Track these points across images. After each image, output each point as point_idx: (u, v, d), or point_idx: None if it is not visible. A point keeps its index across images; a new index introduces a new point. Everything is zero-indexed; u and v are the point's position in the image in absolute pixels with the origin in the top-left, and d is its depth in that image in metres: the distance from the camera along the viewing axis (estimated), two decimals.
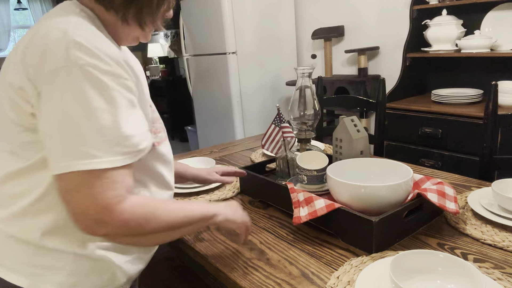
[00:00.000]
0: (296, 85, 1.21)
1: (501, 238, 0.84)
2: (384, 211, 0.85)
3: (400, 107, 2.18)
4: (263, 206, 1.11)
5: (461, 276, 0.64)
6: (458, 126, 1.92)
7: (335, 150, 1.13)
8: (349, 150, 1.08)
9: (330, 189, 0.95)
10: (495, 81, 1.35)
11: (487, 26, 2.10)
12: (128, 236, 0.68)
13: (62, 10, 0.69)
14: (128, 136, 0.65)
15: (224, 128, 3.16)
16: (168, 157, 0.87)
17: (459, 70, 2.32)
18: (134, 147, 0.66)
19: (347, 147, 1.09)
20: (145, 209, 0.67)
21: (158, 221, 0.69)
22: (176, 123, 5.07)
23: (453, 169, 1.52)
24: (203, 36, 3.14)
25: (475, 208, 0.95)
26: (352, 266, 0.78)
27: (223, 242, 0.93)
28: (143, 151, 0.69)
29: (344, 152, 1.10)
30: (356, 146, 1.07)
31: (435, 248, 0.83)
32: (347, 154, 1.09)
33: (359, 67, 2.71)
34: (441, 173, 1.27)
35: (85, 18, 0.68)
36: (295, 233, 0.94)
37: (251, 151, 1.68)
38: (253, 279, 0.77)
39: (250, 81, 3.04)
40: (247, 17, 2.94)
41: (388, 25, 2.65)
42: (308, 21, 3.21)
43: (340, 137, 1.10)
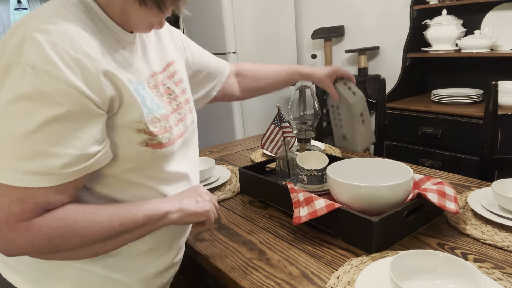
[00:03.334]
0: (296, 85, 1.21)
1: (501, 238, 0.84)
2: (384, 211, 0.85)
3: (400, 107, 2.18)
4: (263, 206, 1.11)
5: (461, 276, 0.64)
6: (458, 126, 1.92)
7: (333, 117, 1.07)
8: (348, 115, 1.04)
9: (330, 189, 0.95)
10: (495, 81, 1.35)
11: (487, 26, 2.11)
12: (50, 253, 0.62)
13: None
14: (49, 154, 0.57)
15: (224, 128, 3.15)
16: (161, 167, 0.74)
17: (459, 70, 2.32)
18: (53, 169, 0.57)
19: (345, 112, 1.04)
20: (62, 224, 0.60)
21: (82, 236, 0.62)
22: None
23: (453, 169, 1.52)
24: (203, 36, 3.14)
25: (475, 208, 0.95)
26: (352, 266, 0.78)
27: (223, 242, 0.93)
28: (67, 177, 0.59)
29: (343, 118, 1.06)
30: (355, 109, 1.03)
31: (435, 248, 0.83)
32: (347, 120, 1.05)
33: (359, 67, 2.71)
34: (441, 173, 1.27)
35: (71, 6, 0.62)
36: (295, 233, 0.94)
37: (251, 151, 1.68)
38: (253, 279, 0.77)
39: None
40: (247, 17, 2.94)
41: (388, 25, 2.65)
42: (308, 21, 3.21)
43: (336, 103, 1.06)
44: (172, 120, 0.75)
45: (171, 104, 0.77)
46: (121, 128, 0.66)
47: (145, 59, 0.75)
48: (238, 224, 1.01)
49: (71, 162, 0.58)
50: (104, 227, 0.64)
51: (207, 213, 0.78)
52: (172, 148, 0.74)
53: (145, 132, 0.68)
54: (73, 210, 0.62)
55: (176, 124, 0.77)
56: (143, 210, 0.69)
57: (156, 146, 0.70)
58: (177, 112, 0.78)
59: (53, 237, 0.60)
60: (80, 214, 0.62)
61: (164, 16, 0.70)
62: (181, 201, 0.75)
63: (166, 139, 0.72)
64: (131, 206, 0.69)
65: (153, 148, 0.69)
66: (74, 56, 0.57)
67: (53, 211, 0.60)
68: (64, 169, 0.58)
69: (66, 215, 0.61)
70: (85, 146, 0.60)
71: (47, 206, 0.59)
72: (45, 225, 0.59)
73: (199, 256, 0.90)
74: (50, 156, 0.57)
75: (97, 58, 0.60)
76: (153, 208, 0.70)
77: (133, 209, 0.68)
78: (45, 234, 0.59)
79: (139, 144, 0.67)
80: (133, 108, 0.66)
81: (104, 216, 0.64)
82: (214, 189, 1.24)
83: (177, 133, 0.77)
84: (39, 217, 0.59)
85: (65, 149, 0.58)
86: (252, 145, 1.78)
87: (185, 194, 0.78)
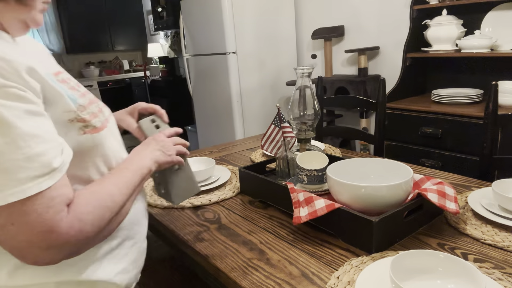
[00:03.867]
0: (296, 85, 1.21)
1: (501, 238, 0.84)
2: (384, 211, 0.85)
3: (400, 107, 2.18)
4: (263, 206, 1.11)
5: (461, 276, 0.64)
6: (458, 126, 1.92)
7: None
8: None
9: (330, 189, 0.95)
10: (495, 81, 1.35)
11: (487, 26, 2.10)
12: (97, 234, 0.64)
13: None
14: (37, 155, 0.56)
15: (224, 128, 3.15)
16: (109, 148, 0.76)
17: (459, 70, 2.32)
18: (48, 167, 0.57)
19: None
20: (91, 208, 0.63)
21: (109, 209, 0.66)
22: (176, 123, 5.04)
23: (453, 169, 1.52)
24: (203, 36, 3.14)
25: (475, 208, 0.95)
26: (352, 266, 0.78)
27: (223, 242, 0.93)
28: (60, 169, 0.60)
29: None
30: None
31: (435, 248, 0.83)
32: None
33: (359, 67, 2.71)
34: (441, 173, 1.27)
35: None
36: (295, 233, 0.94)
37: (251, 151, 1.68)
38: (253, 279, 0.77)
39: (250, 81, 3.03)
40: (247, 17, 2.94)
41: (388, 25, 2.65)
42: (308, 21, 3.21)
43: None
44: (95, 108, 0.75)
45: (84, 97, 0.75)
46: (54, 122, 0.64)
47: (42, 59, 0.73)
48: (238, 224, 1.01)
49: (55, 155, 0.59)
50: (118, 195, 0.69)
51: (174, 160, 0.86)
52: (109, 129, 0.77)
53: (77, 120, 0.68)
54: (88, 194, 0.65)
55: (99, 111, 0.76)
56: (136, 171, 0.75)
57: (93, 131, 0.71)
58: (93, 105, 0.76)
59: (93, 220, 0.63)
60: (95, 194, 0.66)
61: (35, 11, 0.66)
62: (152, 153, 0.82)
63: (99, 123, 0.73)
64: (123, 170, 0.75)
65: (91, 133, 0.70)
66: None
67: (75, 202, 0.62)
68: (54, 162, 0.59)
69: (88, 200, 0.64)
70: (56, 137, 0.61)
71: (67, 200, 0.61)
72: (80, 214, 0.61)
73: (199, 256, 0.90)
74: (38, 156, 0.57)
75: (10, 58, 0.58)
76: (141, 167, 0.77)
77: (127, 172, 0.74)
78: (87, 221, 0.62)
79: (77, 134, 0.68)
80: (58, 100, 0.66)
81: (114, 188, 0.69)
82: (214, 189, 1.24)
83: (104, 117, 0.77)
84: (70, 212, 0.60)
85: (44, 145, 0.58)
86: (252, 145, 1.78)
87: (150, 146, 0.84)
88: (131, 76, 5.74)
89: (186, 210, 1.12)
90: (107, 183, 0.70)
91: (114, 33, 5.82)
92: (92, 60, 5.87)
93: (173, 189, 0.88)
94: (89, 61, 5.85)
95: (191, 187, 0.92)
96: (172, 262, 1.34)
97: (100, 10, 5.61)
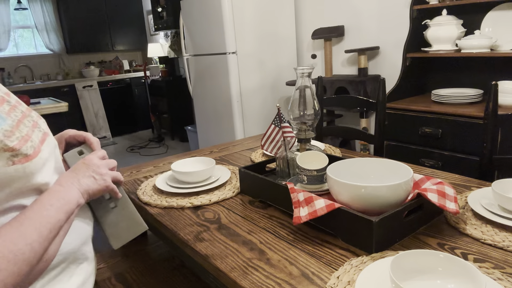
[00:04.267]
0: (296, 85, 1.21)
1: (501, 238, 0.84)
2: (384, 211, 0.85)
3: (400, 107, 2.18)
4: (263, 206, 1.11)
5: (461, 276, 0.64)
6: (458, 126, 1.92)
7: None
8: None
9: (330, 189, 0.95)
10: (495, 81, 1.35)
11: (487, 26, 2.11)
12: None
13: None
14: None
15: (224, 128, 3.16)
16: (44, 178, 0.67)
17: (459, 70, 2.32)
18: None
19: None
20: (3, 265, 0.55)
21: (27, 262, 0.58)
22: (176, 123, 5.08)
23: (453, 169, 1.52)
24: (203, 36, 3.14)
25: (475, 208, 0.95)
26: (352, 266, 0.78)
27: (223, 242, 0.93)
28: None
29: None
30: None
31: (435, 248, 0.83)
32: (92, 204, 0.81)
33: (359, 67, 2.71)
34: (441, 173, 1.27)
35: None
36: (295, 233, 0.94)
37: (251, 151, 1.68)
38: (253, 279, 0.77)
39: (250, 81, 3.04)
40: (247, 17, 2.94)
41: (388, 25, 2.65)
42: (308, 21, 3.21)
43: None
44: (25, 128, 0.67)
45: (14, 112, 0.67)
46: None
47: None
48: (238, 224, 1.01)
49: None
50: (40, 242, 0.61)
51: (108, 187, 0.77)
52: (42, 156, 0.67)
53: (4, 149, 0.60)
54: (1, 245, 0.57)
55: (32, 131, 0.68)
56: (60, 208, 0.66)
57: (23, 160, 0.62)
58: (26, 120, 0.69)
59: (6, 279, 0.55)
60: (11, 245, 0.57)
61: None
62: (80, 182, 0.73)
63: (31, 149, 0.64)
64: (46, 208, 0.65)
65: (22, 164, 0.62)
66: None
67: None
68: None
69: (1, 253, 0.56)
70: None
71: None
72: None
73: (199, 256, 0.90)
74: None
75: None
76: (66, 202, 0.68)
77: (50, 210, 0.65)
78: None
79: (4, 165, 0.60)
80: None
81: (34, 233, 0.61)
82: (214, 189, 1.24)
83: (37, 139, 0.68)
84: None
85: None
86: (252, 145, 1.78)
87: (80, 172, 0.75)
88: (131, 76, 5.74)
89: (186, 210, 1.12)
90: (26, 228, 0.60)
91: (114, 33, 5.83)
92: (92, 60, 5.88)
93: (110, 230, 0.76)
94: (89, 61, 5.86)
95: (134, 225, 0.78)
96: (172, 262, 1.34)
97: (100, 10, 5.61)
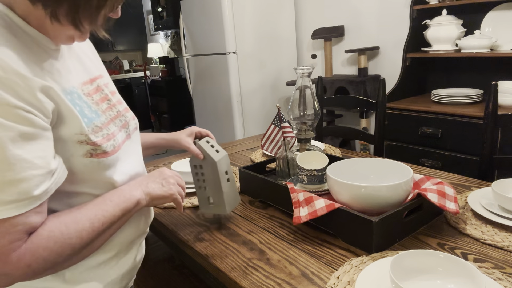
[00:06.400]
0: (296, 85, 1.21)
1: (501, 238, 0.84)
2: (384, 211, 0.85)
3: (400, 107, 2.18)
4: (263, 206, 1.11)
5: (461, 276, 0.64)
6: (458, 126, 1.92)
7: (197, 179, 0.99)
8: (212, 175, 0.97)
9: (330, 189, 0.95)
10: (495, 81, 1.35)
11: (487, 26, 2.10)
12: (46, 271, 0.62)
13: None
14: (18, 181, 0.55)
15: (224, 128, 3.16)
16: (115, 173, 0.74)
17: (459, 70, 2.32)
18: (26, 194, 0.56)
19: (210, 172, 0.97)
20: (52, 242, 0.60)
21: (71, 247, 0.63)
22: (176, 123, 5.08)
23: (453, 169, 1.52)
24: (203, 36, 3.14)
25: (475, 208, 0.95)
26: (352, 266, 0.78)
27: (223, 242, 0.93)
28: (40, 197, 0.59)
29: (208, 178, 0.98)
30: (220, 167, 0.96)
31: (435, 248, 0.83)
32: (212, 180, 0.97)
33: (359, 67, 2.71)
34: (441, 173, 1.27)
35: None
36: (295, 233, 0.94)
37: (251, 151, 1.68)
38: (253, 279, 0.77)
39: (250, 81, 3.04)
40: (247, 17, 2.94)
41: (388, 25, 2.65)
42: (308, 21, 3.21)
43: (200, 163, 0.98)
44: (114, 127, 0.75)
45: (110, 111, 0.77)
46: (61, 142, 0.64)
47: (74, 66, 0.73)
48: (238, 224, 1.01)
49: (39, 183, 0.58)
50: (89, 232, 0.65)
51: (172, 196, 0.83)
52: (118, 155, 0.74)
53: (87, 143, 0.67)
54: (55, 225, 0.62)
55: (119, 130, 0.77)
56: (119, 204, 0.71)
57: (101, 155, 0.69)
58: (118, 119, 0.78)
59: (47, 257, 0.60)
60: (63, 227, 0.63)
61: (85, 31, 0.65)
62: (147, 185, 0.78)
63: (111, 147, 0.72)
64: (106, 202, 0.70)
65: (98, 158, 0.69)
66: (5, 77, 0.55)
67: (38, 232, 0.60)
68: (35, 191, 0.57)
69: (51, 232, 0.61)
70: (47, 163, 0.59)
71: (31, 229, 0.59)
72: (36, 248, 0.59)
73: (199, 256, 0.90)
74: (19, 182, 0.56)
75: (28, 75, 0.58)
76: (126, 199, 0.72)
77: (109, 205, 0.69)
78: (40, 257, 0.59)
79: (82, 156, 0.67)
80: (72, 121, 0.65)
81: (86, 223, 0.65)
82: None
83: (121, 139, 0.76)
84: (28, 242, 0.58)
85: (30, 171, 0.57)
86: (252, 145, 1.78)
87: (151, 178, 0.81)
88: (131, 76, 5.74)
89: (186, 210, 1.12)
90: (82, 216, 0.66)
91: (114, 33, 5.82)
92: None
93: (225, 198, 0.97)
94: None
95: (237, 197, 1.03)
96: (172, 262, 1.34)
97: None
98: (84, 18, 0.62)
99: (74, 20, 0.61)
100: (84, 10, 0.61)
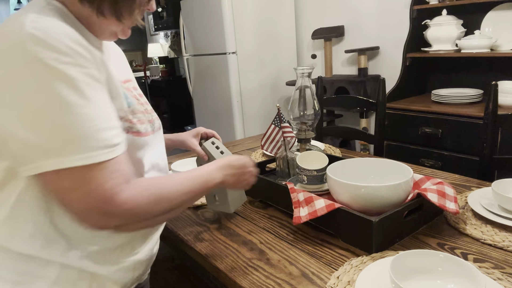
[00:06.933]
0: (296, 85, 1.21)
1: (501, 238, 0.84)
2: (384, 211, 0.85)
3: (400, 107, 2.18)
4: (263, 206, 1.11)
5: (461, 276, 0.64)
6: (458, 126, 1.92)
7: None
8: None
9: (330, 189, 0.95)
10: (495, 81, 1.35)
11: (487, 26, 2.10)
12: (142, 221, 0.67)
13: (27, 6, 0.66)
14: (109, 127, 0.63)
15: (224, 128, 3.15)
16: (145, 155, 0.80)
17: (459, 70, 2.32)
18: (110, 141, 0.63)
19: None
20: (149, 192, 0.66)
21: (168, 200, 0.69)
22: (176, 123, 5.07)
23: (453, 169, 1.52)
24: (203, 36, 3.14)
25: (475, 208, 0.95)
26: (352, 266, 0.78)
27: (223, 242, 0.93)
28: (121, 147, 0.65)
29: None
30: None
31: (435, 248, 0.83)
32: None
33: (359, 67, 2.71)
34: (441, 173, 1.27)
35: (50, 10, 0.64)
36: (295, 233, 0.94)
37: (251, 151, 1.68)
38: (253, 279, 0.77)
39: (250, 81, 3.04)
40: (247, 17, 2.94)
41: (388, 25, 2.65)
42: (308, 21, 3.21)
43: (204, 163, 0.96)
44: (144, 118, 0.81)
45: (142, 106, 0.83)
46: None
47: (113, 66, 0.78)
48: (238, 224, 1.01)
49: (118, 133, 0.65)
50: (184, 191, 0.72)
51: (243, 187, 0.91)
52: (148, 140, 0.80)
53: (125, 119, 0.74)
54: (153, 179, 0.72)
55: (149, 122, 0.83)
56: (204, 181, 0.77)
57: (136, 134, 0.76)
58: (146, 115, 0.83)
59: (145, 206, 0.65)
60: (161, 182, 0.71)
61: (126, 26, 0.73)
62: (225, 175, 0.83)
63: (144, 129, 0.79)
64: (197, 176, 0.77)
65: (133, 135, 0.75)
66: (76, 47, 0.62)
67: (137, 183, 0.65)
68: (117, 139, 0.64)
69: (150, 185, 0.68)
70: (116, 118, 0.67)
71: (129, 175, 0.64)
72: (137, 195, 0.64)
73: (199, 256, 0.90)
74: (106, 130, 0.62)
75: (89, 47, 0.65)
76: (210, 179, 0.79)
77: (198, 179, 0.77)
78: (140, 204, 0.64)
79: (123, 130, 0.71)
80: (116, 96, 0.72)
81: (179, 184, 0.72)
82: None
83: (150, 128, 0.82)
84: (129, 190, 0.63)
85: (112, 122, 0.64)
86: (252, 145, 1.78)
87: (232, 169, 0.86)
88: None
89: (186, 210, 1.12)
90: (174, 181, 0.73)
91: None
92: None
93: (229, 198, 0.99)
94: None
95: (242, 196, 1.05)
96: (172, 262, 1.34)
97: None
98: (124, 10, 0.69)
99: (116, 12, 0.69)
100: (123, 2, 0.69)
